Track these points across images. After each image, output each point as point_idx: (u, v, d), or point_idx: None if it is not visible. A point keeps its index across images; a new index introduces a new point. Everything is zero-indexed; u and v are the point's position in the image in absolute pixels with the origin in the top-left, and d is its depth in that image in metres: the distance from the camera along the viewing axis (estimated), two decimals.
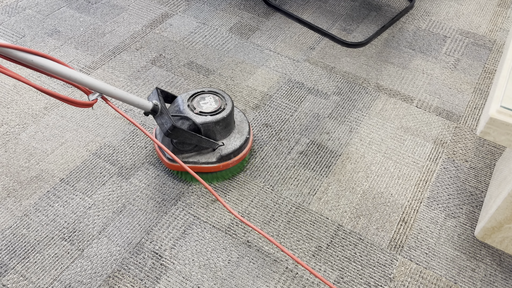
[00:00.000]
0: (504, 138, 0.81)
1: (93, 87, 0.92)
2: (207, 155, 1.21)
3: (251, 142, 1.27)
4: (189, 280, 1.07)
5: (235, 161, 1.23)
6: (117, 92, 0.97)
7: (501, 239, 1.11)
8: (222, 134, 1.20)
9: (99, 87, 0.93)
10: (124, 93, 1.00)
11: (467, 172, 1.31)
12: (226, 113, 1.17)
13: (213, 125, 1.16)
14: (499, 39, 1.75)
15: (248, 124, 1.28)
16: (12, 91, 1.51)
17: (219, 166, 1.21)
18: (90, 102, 0.92)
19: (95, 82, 0.92)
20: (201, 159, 1.20)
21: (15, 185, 1.25)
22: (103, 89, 0.94)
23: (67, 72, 0.85)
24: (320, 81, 1.58)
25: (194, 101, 1.20)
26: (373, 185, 1.27)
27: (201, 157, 1.20)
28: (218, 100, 1.20)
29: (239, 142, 1.22)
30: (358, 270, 1.10)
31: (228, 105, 1.19)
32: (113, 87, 0.97)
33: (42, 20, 1.80)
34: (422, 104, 1.50)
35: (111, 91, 0.96)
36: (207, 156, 1.20)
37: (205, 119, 1.15)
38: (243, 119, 1.29)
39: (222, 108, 1.18)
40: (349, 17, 1.86)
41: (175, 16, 1.84)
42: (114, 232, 1.16)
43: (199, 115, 1.16)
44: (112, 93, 0.96)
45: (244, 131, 1.25)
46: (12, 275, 1.07)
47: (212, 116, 1.16)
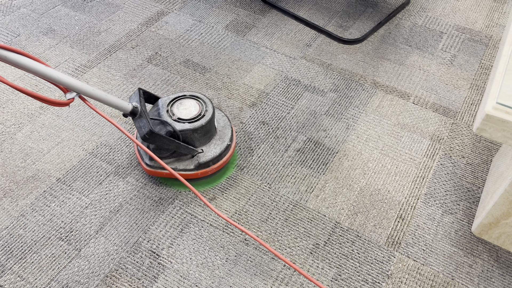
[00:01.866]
0: (500, 134, 0.81)
1: (69, 86, 0.89)
2: (185, 161, 1.17)
3: (233, 149, 1.24)
4: (186, 279, 1.07)
5: (214, 169, 1.19)
6: (94, 92, 0.95)
7: (498, 235, 1.11)
8: (201, 141, 1.17)
9: (75, 86, 0.90)
10: (102, 93, 0.97)
11: (464, 168, 1.31)
12: (204, 120, 1.13)
13: (191, 133, 1.12)
14: (495, 34, 1.75)
15: (231, 130, 1.24)
16: (7, 90, 1.50)
17: (197, 173, 1.17)
18: (66, 101, 0.90)
19: (72, 81, 0.89)
20: (179, 165, 1.17)
21: (11, 185, 1.25)
22: (79, 89, 0.91)
23: (43, 69, 0.83)
24: (316, 78, 1.58)
25: (174, 106, 1.17)
26: (370, 182, 1.27)
27: (179, 164, 1.17)
28: (198, 106, 1.17)
29: (219, 149, 1.19)
30: (355, 267, 1.10)
31: (208, 112, 1.15)
32: (91, 87, 0.95)
33: (37, 19, 1.79)
34: (418, 101, 1.50)
35: (88, 91, 0.93)
36: (186, 163, 1.17)
37: (183, 126, 1.12)
38: (226, 125, 1.25)
39: (202, 115, 1.14)
40: (345, 14, 1.85)
41: (171, 14, 1.84)
42: (111, 231, 1.16)
43: (177, 122, 1.13)
44: (89, 93, 0.94)
45: (226, 137, 1.21)
46: (9, 275, 1.07)
47: (190, 124, 1.12)
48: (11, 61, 0.79)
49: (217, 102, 1.48)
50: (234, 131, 1.27)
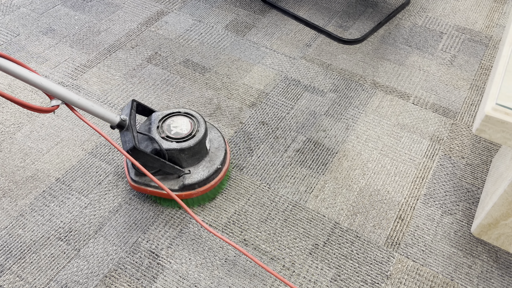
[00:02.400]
0: (500, 135, 0.81)
1: (54, 94, 0.87)
2: (171, 181, 1.13)
3: (223, 172, 1.18)
4: (185, 279, 1.07)
5: (200, 192, 1.14)
6: (80, 101, 0.91)
7: (497, 236, 1.11)
8: (189, 162, 1.12)
9: (60, 94, 0.88)
10: (88, 103, 0.93)
11: (463, 169, 1.31)
12: (193, 142, 1.09)
13: (177, 153, 1.08)
14: (495, 35, 1.75)
15: (225, 152, 1.19)
16: (6, 90, 1.50)
17: (181, 194, 1.13)
18: (49, 108, 0.87)
19: (57, 89, 0.87)
20: (163, 184, 1.11)
21: (10, 185, 1.25)
22: (64, 97, 0.88)
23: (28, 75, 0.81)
24: (316, 78, 1.58)
25: (165, 123, 1.12)
26: (370, 183, 1.27)
27: (164, 183, 1.12)
28: (190, 125, 1.12)
29: (206, 172, 1.13)
30: (355, 268, 1.10)
31: (199, 133, 1.11)
32: (77, 96, 0.91)
33: (36, 19, 1.79)
34: (418, 101, 1.50)
35: (73, 100, 0.90)
36: (171, 183, 1.13)
37: (170, 145, 1.07)
38: (221, 146, 1.19)
39: (192, 135, 1.10)
40: (345, 14, 1.85)
41: (171, 13, 1.83)
42: (110, 231, 1.16)
43: (164, 140, 1.09)
44: (74, 101, 0.90)
45: (217, 160, 1.16)
46: (8, 275, 1.07)
47: (178, 143, 1.08)
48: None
49: (217, 102, 1.48)
50: (228, 153, 1.22)
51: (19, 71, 0.80)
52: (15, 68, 0.79)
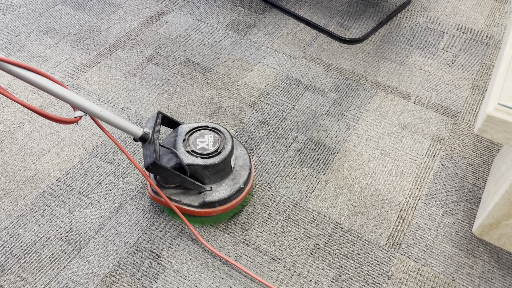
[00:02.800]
0: (502, 136, 0.80)
1: (77, 105, 0.86)
2: (191, 196, 1.10)
3: (246, 192, 1.15)
4: (186, 279, 1.07)
5: (220, 210, 1.11)
6: (103, 113, 0.90)
7: (498, 236, 1.11)
8: (212, 179, 1.09)
9: (83, 106, 0.87)
10: (110, 115, 0.92)
11: (465, 169, 1.31)
12: (218, 159, 1.05)
13: (201, 169, 1.05)
14: (496, 34, 1.75)
15: (249, 171, 1.15)
16: (7, 89, 1.50)
17: (200, 211, 1.10)
18: (72, 119, 0.86)
19: (79, 101, 0.86)
20: (184, 199, 1.10)
21: (11, 185, 1.25)
22: (87, 109, 0.88)
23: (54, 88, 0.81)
24: (317, 78, 1.57)
25: (192, 136, 1.10)
26: (371, 183, 1.27)
27: (184, 197, 1.10)
28: (218, 141, 1.09)
29: (229, 191, 1.10)
30: (356, 268, 1.10)
31: (225, 150, 1.07)
32: (99, 108, 0.90)
33: (37, 18, 1.78)
34: (419, 101, 1.50)
35: (95, 112, 0.89)
36: (191, 198, 1.10)
37: (194, 161, 1.04)
38: (246, 165, 1.16)
39: (218, 152, 1.07)
40: (346, 13, 1.85)
41: (171, 13, 1.83)
42: (111, 231, 1.15)
43: (188, 154, 1.05)
44: (96, 113, 0.89)
45: (240, 180, 1.12)
46: (9, 275, 1.07)
47: (202, 159, 1.05)
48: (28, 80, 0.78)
49: (218, 102, 1.48)
50: (252, 172, 1.18)
51: (43, 83, 0.80)
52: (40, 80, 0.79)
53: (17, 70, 0.76)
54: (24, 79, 0.78)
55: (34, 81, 0.79)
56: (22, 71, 0.77)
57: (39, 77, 0.80)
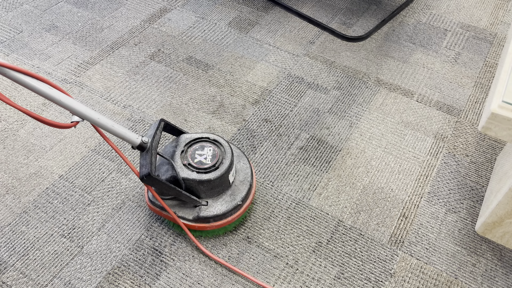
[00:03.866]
0: (506, 133, 0.80)
1: (74, 111, 0.85)
2: (186, 209, 1.07)
3: (244, 209, 1.10)
4: (189, 276, 1.07)
5: (215, 226, 1.07)
6: (100, 120, 0.88)
7: (501, 234, 1.10)
8: (208, 194, 1.06)
9: (80, 112, 0.85)
10: (108, 122, 0.90)
11: (467, 167, 1.30)
12: (214, 175, 1.01)
13: (196, 184, 1.01)
14: (500, 32, 1.74)
15: (249, 187, 1.11)
16: (10, 87, 1.50)
17: (194, 226, 1.07)
18: (69, 124, 0.84)
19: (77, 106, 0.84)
20: (179, 211, 1.07)
21: (14, 182, 1.25)
22: (84, 115, 0.86)
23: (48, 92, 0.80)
24: (320, 75, 1.57)
25: (191, 148, 1.06)
26: (374, 180, 1.27)
27: (179, 210, 1.07)
28: (217, 156, 1.05)
29: (225, 207, 1.06)
30: (358, 266, 1.10)
31: (223, 166, 1.03)
32: (97, 114, 0.87)
33: (39, 15, 1.79)
34: (422, 99, 1.49)
35: (92, 118, 0.87)
36: (186, 211, 1.07)
37: (189, 175, 1.01)
38: (246, 180, 1.12)
39: (215, 168, 1.03)
40: (349, 11, 1.84)
41: (174, 10, 1.83)
42: (113, 228, 1.16)
43: (185, 168, 1.02)
44: (93, 120, 0.87)
45: (239, 196, 1.08)
46: (12, 272, 1.07)
47: (198, 174, 1.01)
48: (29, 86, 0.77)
49: (220, 100, 1.48)
50: (254, 187, 1.14)
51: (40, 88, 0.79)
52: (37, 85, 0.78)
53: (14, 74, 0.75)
54: (22, 84, 0.77)
55: (32, 85, 0.77)
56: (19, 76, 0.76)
57: (37, 82, 0.78)
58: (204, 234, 1.13)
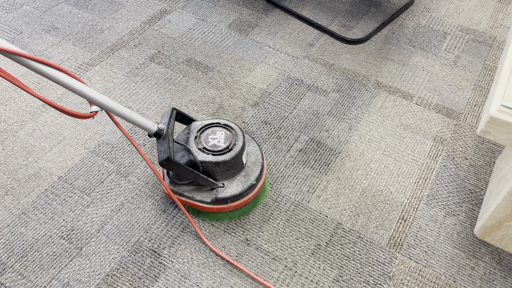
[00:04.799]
0: (505, 137, 0.80)
1: (93, 100, 0.88)
2: (204, 193, 1.11)
3: (258, 188, 1.15)
4: (187, 278, 1.07)
5: (233, 207, 1.12)
6: (118, 109, 0.92)
7: (500, 237, 1.10)
8: (224, 175, 1.10)
9: (99, 101, 0.89)
10: (126, 110, 0.94)
11: (467, 170, 1.31)
12: (229, 156, 1.06)
13: (212, 166, 1.06)
14: (499, 35, 1.75)
15: (261, 168, 1.16)
16: (9, 88, 1.50)
17: (213, 208, 1.11)
18: (88, 114, 0.88)
19: (96, 96, 0.88)
20: (196, 195, 1.11)
21: (13, 183, 1.25)
22: (103, 104, 0.89)
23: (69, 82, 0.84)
24: (319, 78, 1.57)
25: (203, 134, 1.11)
26: (373, 183, 1.27)
27: (197, 194, 1.11)
28: (229, 138, 1.10)
29: (241, 187, 1.11)
30: (357, 269, 1.10)
31: (236, 147, 1.08)
32: (115, 103, 0.92)
33: (39, 17, 1.79)
34: (422, 101, 1.50)
35: (111, 107, 0.91)
36: (204, 195, 1.11)
37: (205, 158, 1.06)
38: (258, 161, 1.16)
39: (229, 149, 1.07)
40: (348, 14, 1.85)
41: (174, 12, 1.83)
42: (112, 230, 1.16)
43: (200, 152, 1.07)
44: (112, 109, 0.91)
45: (252, 176, 1.13)
46: (10, 273, 1.07)
47: (214, 156, 1.06)
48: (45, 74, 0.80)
49: (220, 102, 1.48)
50: (265, 168, 1.19)
51: (61, 78, 0.82)
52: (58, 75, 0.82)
53: (37, 65, 0.78)
54: (44, 74, 0.80)
55: (53, 76, 0.81)
56: (42, 67, 0.79)
57: (58, 73, 0.82)
58: (220, 218, 1.17)
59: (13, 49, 0.75)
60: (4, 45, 0.74)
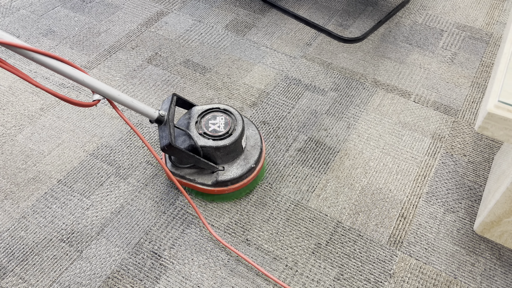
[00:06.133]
0: (502, 133, 0.80)
1: (96, 89, 0.91)
2: (205, 176, 1.15)
3: (257, 171, 1.18)
4: (188, 279, 1.07)
5: (232, 189, 1.16)
6: (120, 97, 0.95)
7: (500, 233, 1.11)
8: (224, 159, 1.13)
9: (102, 90, 0.92)
10: (127, 98, 0.97)
11: (465, 167, 1.31)
12: (229, 141, 1.10)
13: (212, 150, 1.10)
14: (496, 32, 1.75)
15: (260, 151, 1.19)
16: (7, 92, 1.50)
17: (213, 190, 1.15)
18: (91, 103, 0.92)
19: (98, 85, 0.91)
20: (197, 178, 1.15)
21: (12, 187, 1.25)
22: (105, 92, 0.92)
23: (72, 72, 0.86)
24: (317, 77, 1.57)
25: (204, 119, 1.14)
26: (372, 181, 1.27)
27: (198, 177, 1.15)
28: (229, 123, 1.13)
29: (240, 170, 1.14)
30: (358, 267, 1.10)
31: (236, 131, 1.11)
32: (118, 92, 0.95)
33: (36, 20, 1.79)
34: (419, 99, 1.50)
35: (113, 95, 0.94)
36: (205, 178, 1.15)
37: (206, 143, 1.09)
38: (257, 144, 1.19)
39: (228, 134, 1.11)
40: (345, 13, 1.85)
41: (171, 14, 1.83)
42: (112, 232, 1.16)
43: (201, 137, 1.10)
44: (114, 97, 0.94)
45: (252, 159, 1.16)
46: (11, 277, 1.07)
47: (214, 141, 1.09)
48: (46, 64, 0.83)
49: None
50: (263, 151, 1.22)
51: (64, 68, 0.85)
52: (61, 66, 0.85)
53: (40, 57, 0.81)
54: (47, 66, 0.83)
55: (57, 67, 0.84)
56: (45, 58, 0.82)
57: (61, 64, 0.85)
58: (221, 199, 1.21)
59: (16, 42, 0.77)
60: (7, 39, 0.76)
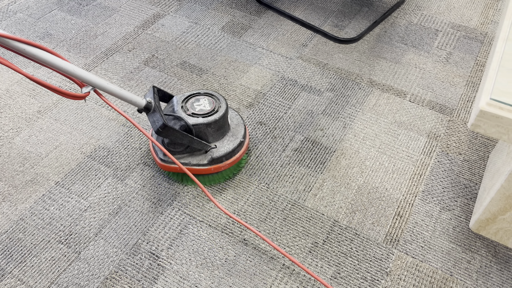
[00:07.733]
0: (495, 130, 0.81)
1: (85, 80, 0.92)
2: (199, 157, 1.20)
3: (246, 146, 1.26)
4: (186, 279, 1.08)
5: (228, 165, 1.22)
6: (109, 86, 0.97)
7: (495, 231, 1.12)
8: (215, 136, 1.19)
9: (91, 81, 0.93)
10: (116, 88, 1.00)
11: (461, 165, 1.32)
12: (218, 115, 1.16)
13: (204, 127, 1.15)
14: (490, 31, 1.76)
15: (244, 128, 1.26)
16: (4, 95, 1.51)
17: (210, 168, 1.20)
18: (82, 94, 0.93)
19: (88, 76, 0.92)
20: (192, 160, 1.19)
21: (10, 190, 1.25)
22: (95, 83, 0.94)
23: (61, 63, 0.87)
24: (313, 78, 1.58)
25: (188, 103, 1.19)
26: (368, 180, 1.28)
27: (192, 159, 1.20)
28: (212, 102, 1.19)
29: (232, 145, 1.21)
30: (354, 265, 1.10)
31: (222, 108, 1.18)
32: (106, 82, 0.97)
33: (33, 24, 1.79)
34: (415, 98, 1.51)
35: (103, 85, 0.96)
36: (199, 158, 1.19)
37: (197, 121, 1.14)
38: (240, 123, 1.27)
39: (215, 111, 1.17)
40: (340, 13, 1.86)
41: (167, 16, 1.84)
42: (110, 233, 1.16)
43: (191, 117, 1.15)
44: (104, 87, 0.96)
45: (239, 134, 1.24)
46: (9, 279, 1.07)
47: (204, 118, 1.15)
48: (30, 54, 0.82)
49: None
50: (247, 129, 1.29)
51: (52, 59, 0.85)
52: (49, 57, 0.84)
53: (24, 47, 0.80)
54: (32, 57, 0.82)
55: (42, 58, 0.83)
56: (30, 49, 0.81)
57: (46, 54, 0.84)
58: (217, 180, 1.26)
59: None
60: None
